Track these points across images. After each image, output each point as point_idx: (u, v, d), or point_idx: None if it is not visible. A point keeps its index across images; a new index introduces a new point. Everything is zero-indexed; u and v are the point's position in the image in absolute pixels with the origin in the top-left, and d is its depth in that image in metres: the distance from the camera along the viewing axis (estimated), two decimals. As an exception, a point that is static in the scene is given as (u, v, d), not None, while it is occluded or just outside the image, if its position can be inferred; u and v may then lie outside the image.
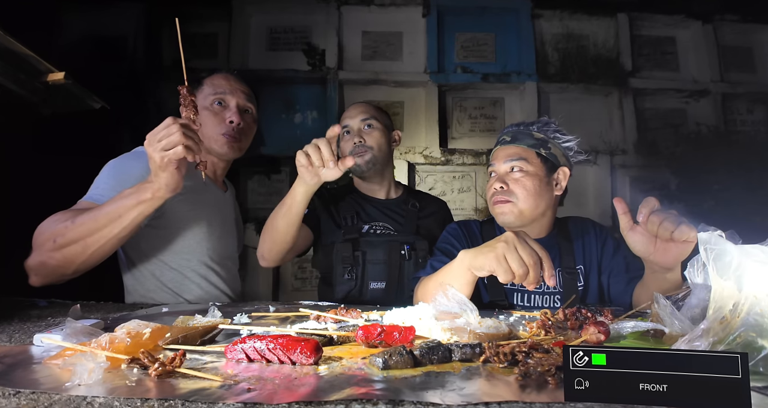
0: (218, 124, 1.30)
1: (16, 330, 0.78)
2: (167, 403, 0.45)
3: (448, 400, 0.45)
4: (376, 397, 0.45)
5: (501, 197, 1.19)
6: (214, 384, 0.50)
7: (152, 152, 0.93)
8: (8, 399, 0.46)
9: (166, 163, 0.93)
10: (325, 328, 0.79)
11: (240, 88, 1.35)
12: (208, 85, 1.34)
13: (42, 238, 0.95)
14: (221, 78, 1.35)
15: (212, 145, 1.32)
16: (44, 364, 0.57)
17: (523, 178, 1.18)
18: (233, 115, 1.31)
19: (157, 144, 0.92)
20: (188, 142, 0.92)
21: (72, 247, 0.93)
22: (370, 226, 1.46)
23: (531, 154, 1.21)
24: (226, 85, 1.33)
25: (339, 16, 2.58)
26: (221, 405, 0.44)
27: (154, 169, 0.95)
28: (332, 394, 0.46)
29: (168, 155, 0.92)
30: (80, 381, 0.50)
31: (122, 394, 0.47)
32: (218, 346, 0.64)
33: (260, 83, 2.39)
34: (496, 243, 0.85)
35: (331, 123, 2.68)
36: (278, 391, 0.48)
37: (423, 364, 0.58)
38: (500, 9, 2.63)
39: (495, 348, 0.58)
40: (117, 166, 1.17)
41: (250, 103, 1.36)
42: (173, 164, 0.94)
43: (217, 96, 1.32)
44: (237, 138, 1.32)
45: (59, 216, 0.97)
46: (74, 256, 0.95)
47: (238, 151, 1.34)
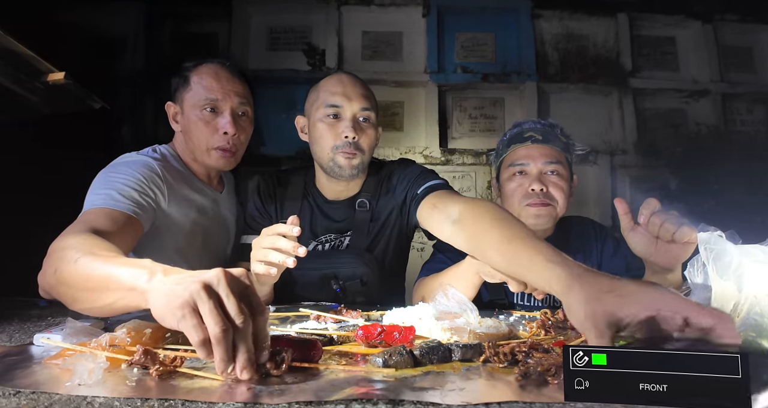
0: (210, 135, 1.15)
1: (16, 330, 0.78)
2: (167, 403, 0.45)
3: (448, 400, 0.45)
4: (376, 397, 0.45)
5: (542, 200, 1.13)
6: (214, 384, 0.50)
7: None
8: (8, 399, 0.46)
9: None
10: (325, 328, 0.79)
11: (233, 90, 1.18)
12: (198, 85, 1.16)
13: (50, 260, 0.81)
14: (211, 76, 1.17)
15: (204, 158, 1.18)
16: (44, 364, 0.57)
17: (560, 181, 1.15)
18: (227, 124, 1.14)
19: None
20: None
21: (63, 290, 0.78)
22: (318, 242, 1.22)
23: (563, 157, 1.19)
24: (217, 88, 1.16)
25: (339, 16, 2.57)
26: (221, 405, 0.44)
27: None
28: (332, 394, 0.46)
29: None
30: (80, 381, 0.49)
31: (122, 394, 0.47)
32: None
33: (260, 83, 2.39)
34: None
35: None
36: (278, 390, 0.48)
37: (423, 364, 0.58)
38: (500, 9, 2.63)
39: (495, 348, 0.58)
40: (109, 173, 1.08)
41: (246, 106, 1.20)
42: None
43: (208, 101, 1.15)
44: (232, 151, 1.18)
45: (70, 238, 0.82)
46: (64, 298, 0.80)
47: (233, 163, 1.21)
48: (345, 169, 1.15)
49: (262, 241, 0.86)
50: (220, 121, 1.15)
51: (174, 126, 1.24)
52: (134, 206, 1.00)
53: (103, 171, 1.09)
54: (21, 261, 1.01)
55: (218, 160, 1.18)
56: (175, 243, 1.15)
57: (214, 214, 1.25)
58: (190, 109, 1.17)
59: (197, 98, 1.16)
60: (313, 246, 1.22)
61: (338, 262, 1.16)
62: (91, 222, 0.91)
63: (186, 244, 1.17)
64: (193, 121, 1.16)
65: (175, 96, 1.22)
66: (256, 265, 0.87)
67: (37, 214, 1.41)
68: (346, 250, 1.21)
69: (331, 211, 1.25)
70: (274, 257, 0.84)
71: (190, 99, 1.17)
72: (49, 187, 1.68)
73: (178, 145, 1.26)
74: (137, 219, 0.99)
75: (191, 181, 1.22)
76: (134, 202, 1.01)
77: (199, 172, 1.25)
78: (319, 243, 1.23)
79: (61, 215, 0.96)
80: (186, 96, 1.18)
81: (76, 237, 0.81)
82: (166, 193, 1.11)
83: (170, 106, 1.24)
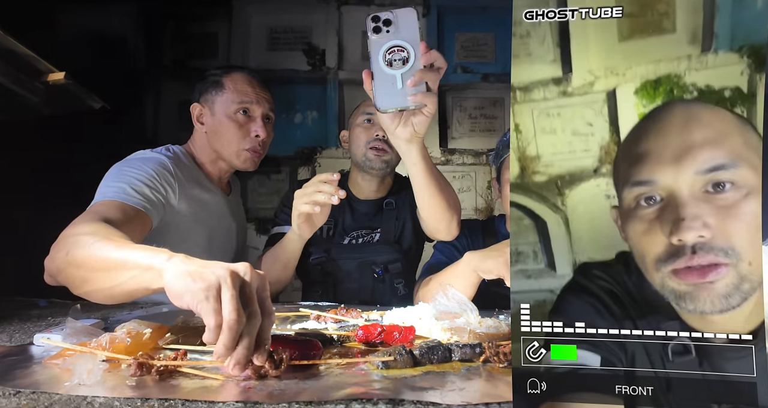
0: (243, 138, 1.22)
1: (16, 330, 0.78)
2: (167, 403, 0.45)
3: (448, 400, 0.45)
4: (376, 397, 0.45)
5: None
6: (214, 384, 0.50)
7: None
8: (8, 399, 0.46)
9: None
10: (325, 328, 0.79)
11: (265, 96, 1.26)
12: (231, 91, 1.23)
13: (61, 245, 0.81)
14: (245, 82, 1.24)
15: (233, 159, 1.24)
16: (44, 364, 0.57)
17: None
18: (259, 128, 1.22)
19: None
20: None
21: (72, 271, 0.78)
22: (351, 237, 1.36)
23: None
24: (251, 93, 1.23)
25: (339, 16, 2.57)
26: (221, 405, 0.44)
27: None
28: (332, 394, 0.46)
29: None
30: (80, 381, 0.50)
31: (122, 394, 0.47)
32: (218, 346, 0.63)
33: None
34: (504, 247, 0.85)
35: (331, 123, 2.67)
36: (278, 390, 0.48)
37: (423, 364, 0.58)
38: (500, 9, 2.63)
39: (495, 348, 0.58)
40: (123, 167, 1.10)
41: (272, 112, 1.28)
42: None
43: (243, 105, 1.22)
44: (260, 152, 1.26)
45: (85, 226, 0.83)
46: (72, 280, 0.80)
47: (257, 164, 1.28)
48: (375, 163, 1.31)
49: (305, 189, 1.03)
50: (253, 125, 1.23)
51: (198, 127, 1.27)
52: (145, 202, 1.01)
53: (117, 164, 1.12)
54: (20, 260, 1.01)
55: (246, 161, 1.25)
56: (181, 240, 1.16)
57: (220, 216, 1.29)
58: (222, 111, 1.22)
59: (231, 101, 1.22)
60: (348, 240, 1.35)
61: (373, 251, 1.32)
62: (102, 212, 0.92)
63: (191, 243, 1.19)
64: (225, 122, 1.22)
65: (203, 98, 1.26)
66: (302, 206, 1.02)
67: (36, 214, 1.41)
68: (378, 241, 1.35)
69: (362, 210, 1.39)
70: (319, 197, 0.99)
71: (224, 102, 1.22)
72: (49, 187, 1.68)
73: (196, 146, 1.29)
74: (147, 215, 1.01)
75: (202, 181, 1.24)
76: (145, 198, 1.02)
77: (211, 174, 1.28)
78: (352, 238, 1.35)
79: (61, 215, 0.96)
80: (218, 99, 1.23)
81: (91, 224, 0.83)
82: (177, 190, 1.13)
83: (196, 107, 1.27)
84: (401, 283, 1.31)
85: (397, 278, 1.31)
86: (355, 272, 1.31)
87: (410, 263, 1.37)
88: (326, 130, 2.46)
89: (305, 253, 1.27)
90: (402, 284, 1.31)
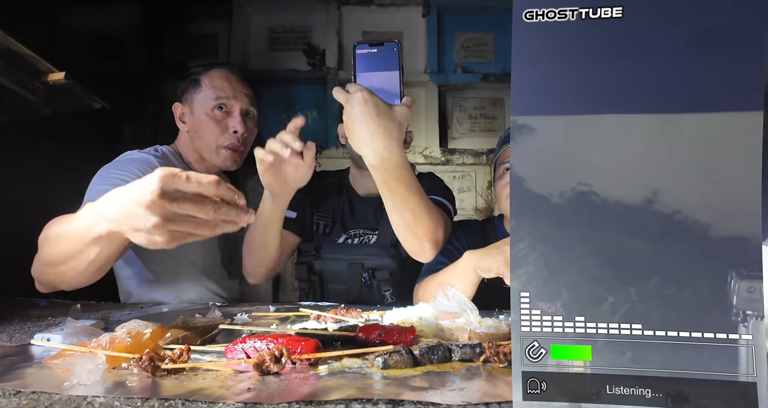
0: (220, 134, 1.20)
1: (16, 330, 0.78)
2: (167, 403, 0.45)
3: (448, 400, 0.45)
4: (376, 397, 0.45)
5: None
6: (214, 384, 0.50)
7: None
8: (8, 399, 0.46)
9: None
10: (325, 328, 0.79)
11: (243, 91, 1.24)
12: (208, 87, 1.22)
13: (39, 249, 0.82)
14: (221, 78, 1.23)
15: (212, 157, 1.22)
16: (44, 364, 0.57)
17: None
18: (237, 123, 1.20)
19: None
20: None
21: (50, 271, 0.79)
22: (348, 235, 1.33)
23: None
24: (228, 88, 1.21)
25: (339, 16, 2.58)
26: (221, 405, 0.44)
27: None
28: (332, 394, 0.46)
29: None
30: (80, 381, 0.50)
31: (122, 394, 0.47)
32: (218, 346, 0.63)
33: (260, 83, 2.39)
34: (504, 245, 0.85)
35: (332, 123, 2.67)
36: (278, 390, 0.48)
37: (423, 364, 0.58)
38: (500, 9, 2.63)
39: (495, 348, 0.58)
40: (109, 170, 1.10)
41: (253, 107, 1.26)
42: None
43: (219, 100, 1.20)
44: (240, 150, 1.23)
45: (51, 227, 0.81)
46: (54, 280, 0.82)
47: (239, 162, 1.25)
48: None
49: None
50: (231, 121, 1.21)
51: (181, 126, 1.28)
52: None
53: (104, 167, 1.11)
54: (20, 260, 1.01)
55: (226, 159, 1.22)
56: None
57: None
58: (200, 108, 1.21)
59: (208, 98, 1.21)
60: (343, 239, 1.33)
61: (366, 253, 1.28)
62: None
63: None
64: (203, 120, 1.20)
65: (184, 97, 1.26)
66: (258, 151, 0.94)
67: (36, 213, 1.41)
68: (374, 244, 1.31)
69: (361, 207, 1.36)
70: (274, 145, 0.92)
71: (201, 99, 1.22)
72: (48, 187, 1.68)
73: (181, 145, 1.29)
74: None
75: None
76: None
77: (199, 172, 1.26)
78: (348, 236, 1.34)
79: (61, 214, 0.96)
80: (196, 97, 1.23)
81: (50, 224, 0.82)
82: None
83: (178, 107, 1.27)
84: (389, 291, 1.26)
85: (384, 286, 1.26)
86: (344, 273, 1.27)
87: (407, 269, 1.29)
88: (326, 130, 2.46)
89: (298, 251, 1.27)
90: (390, 292, 1.26)
